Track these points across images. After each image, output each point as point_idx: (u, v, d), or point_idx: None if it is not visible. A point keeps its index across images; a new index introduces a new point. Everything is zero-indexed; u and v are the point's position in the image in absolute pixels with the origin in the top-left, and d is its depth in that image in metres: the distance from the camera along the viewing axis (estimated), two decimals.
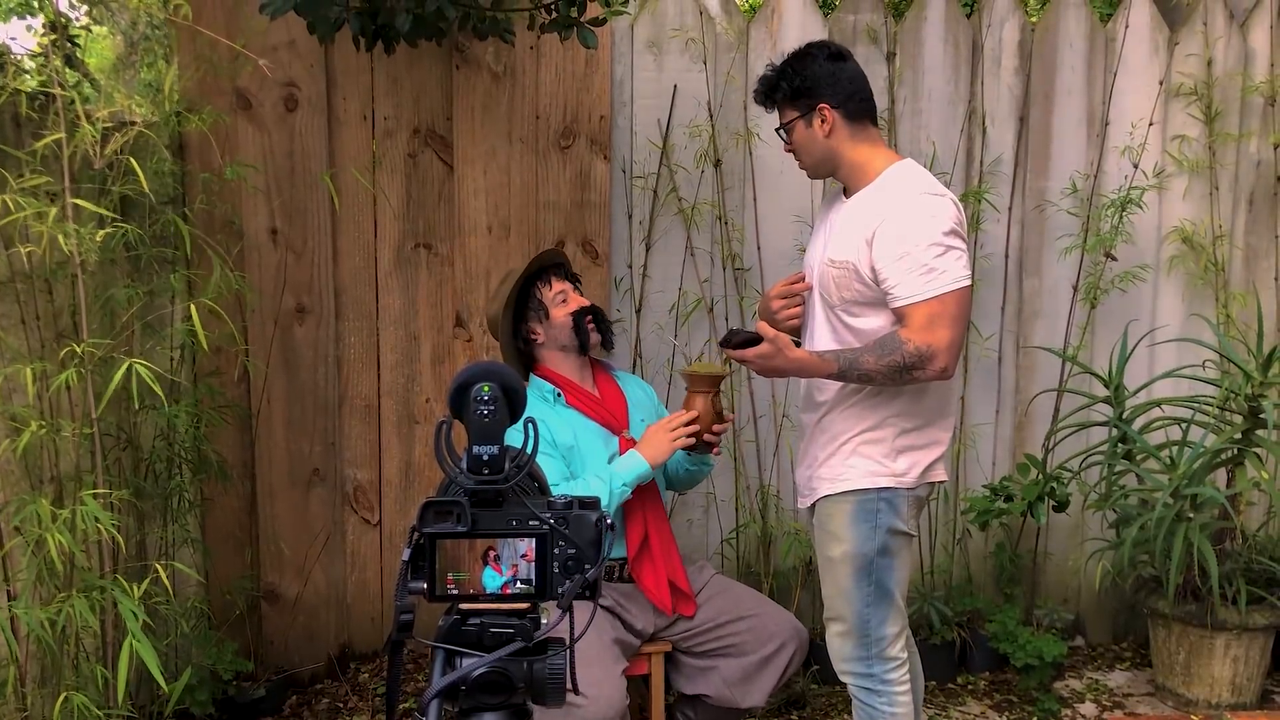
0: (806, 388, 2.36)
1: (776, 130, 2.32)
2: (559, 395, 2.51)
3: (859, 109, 2.23)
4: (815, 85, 2.21)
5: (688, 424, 2.38)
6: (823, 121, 2.21)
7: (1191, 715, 3.13)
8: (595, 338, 2.55)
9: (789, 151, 2.33)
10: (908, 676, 2.29)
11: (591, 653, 2.29)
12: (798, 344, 2.19)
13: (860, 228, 2.15)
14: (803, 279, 2.35)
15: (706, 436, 2.40)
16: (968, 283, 2.11)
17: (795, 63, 2.25)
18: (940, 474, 2.28)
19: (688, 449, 2.44)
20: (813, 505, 2.32)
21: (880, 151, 2.24)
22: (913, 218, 2.10)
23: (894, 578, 2.23)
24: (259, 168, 3.07)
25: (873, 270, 2.12)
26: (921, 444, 2.23)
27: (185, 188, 3.00)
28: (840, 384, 2.21)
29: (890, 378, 2.10)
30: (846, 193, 2.28)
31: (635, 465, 2.38)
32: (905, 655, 2.29)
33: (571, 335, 2.52)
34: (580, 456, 2.46)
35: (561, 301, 2.53)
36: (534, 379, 2.56)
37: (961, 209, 2.18)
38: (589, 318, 2.54)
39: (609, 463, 2.44)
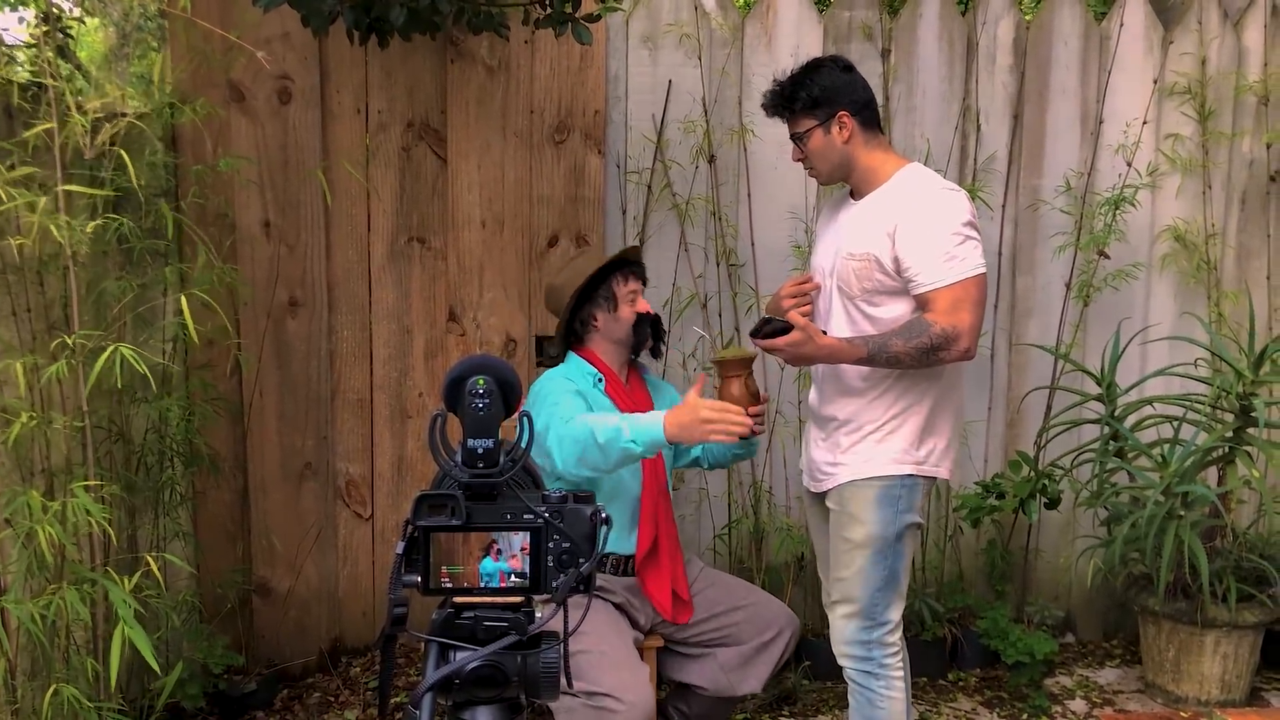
0: (834, 377, 2.39)
1: (792, 138, 2.38)
2: (600, 380, 2.51)
3: (872, 116, 2.34)
4: (835, 94, 2.30)
5: (733, 420, 2.15)
6: (841, 128, 2.31)
7: (1180, 712, 3.14)
8: (649, 344, 2.58)
9: (799, 160, 2.40)
10: (903, 664, 2.37)
11: (619, 656, 2.30)
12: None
13: (880, 222, 2.25)
14: (810, 280, 2.43)
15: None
16: (984, 270, 2.23)
17: (811, 73, 2.33)
18: (945, 471, 2.36)
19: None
20: (825, 491, 2.38)
21: (891, 156, 2.35)
22: (934, 210, 2.21)
23: (904, 564, 2.33)
24: (252, 160, 3.06)
25: (895, 260, 2.22)
26: (937, 436, 2.33)
27: (178, 180, 2.99)
28: (869, 374, 2.29)
29: (918, 359, 2.18)
30: (855, 195, 2.37)
31: (651, 427, 2.18)
32: (902, 644, 2.37)
33: (630, 334, 2.54)
34: None
35: (631, 301, 2.54)
36: (575, 358, 2.54)
37: (973, 203, 2.28)
38: (650, 325, 2.57)
39: None
